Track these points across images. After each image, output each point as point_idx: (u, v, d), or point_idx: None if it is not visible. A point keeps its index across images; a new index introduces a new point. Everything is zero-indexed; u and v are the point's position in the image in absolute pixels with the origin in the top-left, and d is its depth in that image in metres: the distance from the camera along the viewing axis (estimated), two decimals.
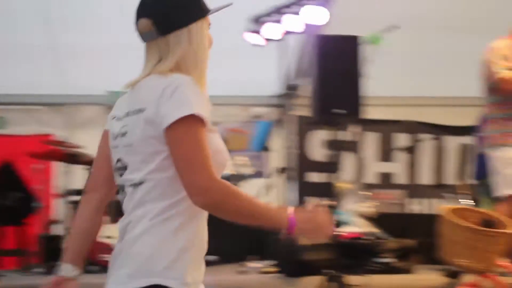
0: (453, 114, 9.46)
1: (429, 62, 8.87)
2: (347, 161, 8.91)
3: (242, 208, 2.25)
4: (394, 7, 7.97)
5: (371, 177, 9.50)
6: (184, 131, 2.22)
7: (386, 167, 9.62)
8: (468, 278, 4.94)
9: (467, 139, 8.84)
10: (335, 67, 6.17)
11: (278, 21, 7.58)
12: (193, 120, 2.22)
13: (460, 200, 5.88)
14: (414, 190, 9.59)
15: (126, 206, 2.36)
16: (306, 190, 8.65)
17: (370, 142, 9.52)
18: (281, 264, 6.31)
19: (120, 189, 2.41)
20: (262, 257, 6.83)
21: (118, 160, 2.39)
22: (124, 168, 2.37)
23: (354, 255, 6.15)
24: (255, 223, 2.29)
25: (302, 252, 6.07)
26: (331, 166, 6.70)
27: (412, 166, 9.49)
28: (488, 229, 4.42)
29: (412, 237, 7.08)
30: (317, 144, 8.95)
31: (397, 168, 9.37)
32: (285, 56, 7.54)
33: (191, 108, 2.22)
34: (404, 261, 6.20)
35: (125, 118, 2.38)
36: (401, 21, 7.23)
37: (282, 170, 7.48)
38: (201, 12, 2.42)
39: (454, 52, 8.38)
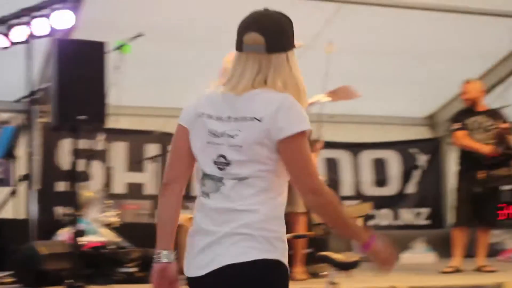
0: None
1: (179, 73, 9.00)
2: (95, 170, 8.75)
3: (339, 213, 2.72)
4: (144, 15, 8.00)
5: (119, 187, 9.44)
6: (300, 143, 2.65)
7: (135, 177, 9.58)
8: None
9: None
10: (79, 72, 5.98)
11: (25, 24, 7.30)
12: (305, 135, 2.66)
13: None
14: None
15: (222, 195, 2.71)
16: (50, 199, 8.41)
17: (119, 151, 9.45)
18: (19, 274, 6.05)
19: (213, 180, 2.73)
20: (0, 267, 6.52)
21: (221, 156, 2.71)
22: (227, 164, 2.71)
23: (96, 264, 6.03)
24: (342, 229, 2.76)
25: (42, 262, 5.86)
26: (77, 175, 6.54)
27: (160, 177, 9.53)
28: None
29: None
30: (64, 152, 8.73)
31: (146, 178, 9.36)
32: (31, 60, 7.27)
33: (305, 125, 2.66)
34: (148, 270, 6.17)
35: (232, 122, 2.71)
36: (150, 30, 7.27)
37: (25, 177, 7.20)
38: (294, 42, 2.82)
39: (203, 63, 8.55)
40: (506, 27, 9.40)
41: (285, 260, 2.69)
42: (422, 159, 11.05)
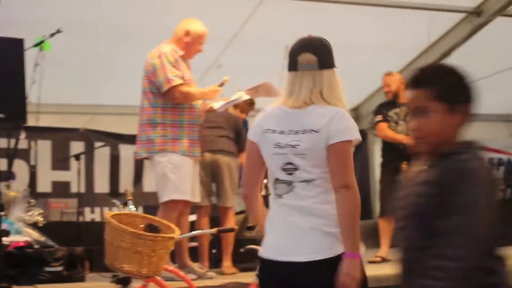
0: (128, 122, 9.57)
1: (101, 70, 8.91)
2: (18, 169, 8.58)
3: (355, 212, 3.25)
4: (63, 11, 7.89)
5: (45, 186, 9.28)
6: (344, 149, 3.23)
7: (60, 175, 9.44)
8: (137, 283, 4.98)
9: None
10: None
11: None
12: (350, 142, 3.26)
13: (129, 206, 5.90)
14: (89, 198, 9.53)
15: (294, 195, 3.28)
16: None
17: (43, 149, 9.28)
18: None
19: (283, 183, 3.30)
20: None
21: (288, 163, 3.28)
22: (295, 169, 3.27)
23: (21, 265, 5.92)
24: (347, 227, 3.21)
25: None
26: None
27: (86, 174, 9.42)
28: (148, 233, 4.47)
29: (85, 245, 7.01)
30: None
31: (72, 177, 9.22)
32: None
33: (351, 135, 3.26)
34: (74, 269, 6.09)
35: (293, 134, 3.28)
36: (70, 26, 7.16)
37: None
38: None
39: (126, 60, 8.48)
40: (426, 21, 9.59)
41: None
42: None
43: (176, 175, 5.92)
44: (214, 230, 5.14)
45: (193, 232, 5.48)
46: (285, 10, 8.73)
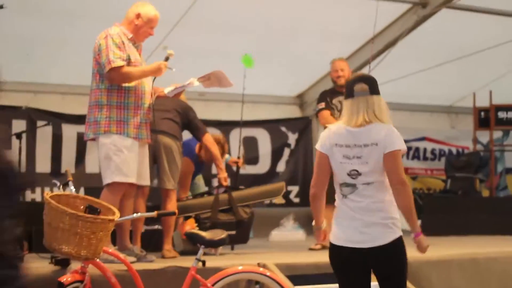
0: (71, 102, 9.47)
1: (45, 48, 8.78)
2: None
3: (412, 203, 4.28)
4: None
5: None
6: (397, 155, 4.25)
7: None
8: (76, 265, 4.95)
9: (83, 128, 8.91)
10: None
11: None
12: (400, 151, 4.27)
13: (69, 187, 5.84)
14: (30, 178, 9.41)
15: (357, 194, 4.28)
16: None
17: None
18: None
19: (348, 186, 4.29)
20: None
21: (353, 170, 4.27)
22: (359, 174, 4.26)
23: None
24: (409, 215, 4.28)
25: None
26: None
27: (28, 154, 9.29)
28: (88, 215, 4.45)
29: (24, 225, 6.92)
30: None
31: (13, 155, 9.06)
32: None
33: (401, 146, 4.28)
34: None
35: (357, 148, 4.27)
36: (17, 2, 7.03)
37: None
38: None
39: (71, 39, 8.38)
40: (372, 10, 9.65)
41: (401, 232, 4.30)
42: (292, 138, 11.24)
43: (120, 158, 5.88)
44: (154, 213, 5.12)
45: (133, 215, 5.45)
46: None
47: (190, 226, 6.80)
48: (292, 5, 9.09)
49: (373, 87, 4.35)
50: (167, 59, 6.19)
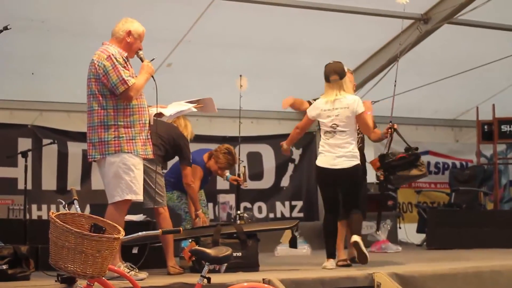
0: (76, 119, 9.54)
1: (50, 67, 8.85)
2: None
3: (370, 128, 7.50)
4: (11, 7, 7.84)
5: None
6: (363, 115, 7.06)
7: (7, 172, 9.36)
8: (81, 283, 4.98)
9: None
10: None
11: None
12: (365, 112, 7.08)
13: (74, 206, 5.87)
14: (36, 195, 9.48)
15: (336, 140, 7.06)
16: None
17: None
18: None
19: (330, 133, 7.07)
20: None
21: (334, 124, 7.04)
22: (337, 126, 7.01)
23: None
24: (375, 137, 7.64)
25: None
26: None
27: (34, 171, 9.36)
28: (93, 234, 4.48)
29: (32, 242, 6.97)
30: None
31: (19, 173, 9.15)
32: None
33: (362, 108, 7.05)
34: (19, 267, 6.05)
35: (335, 110, 7.03)
36: (20, 22, 7.09)
37: None
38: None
39: (75, 57, 8.44)
40: (374, 26, 9.72)
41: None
42: (296, 153, 11.29)
43: (130, 176, 5.92)
44: (159, 231, 5.14)
45: (139, 233, 5.47)
46: (235, 12, 8.78)
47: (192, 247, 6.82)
48: (294, 23, 9.16)
49: (341, 75, 7.11)
50: (141, 59, 6.22)
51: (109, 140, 5.91)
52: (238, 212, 8.41)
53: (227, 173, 8.49)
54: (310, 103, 7.71)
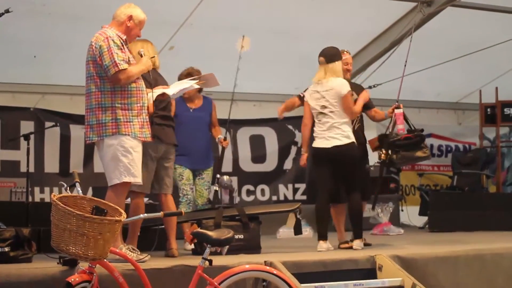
0: (78, 102, 9.53)
1: (53, 50, 8.84)
2: None
3: (355, 110, 7.56)
4: None
5: None
6: (348, 96, 7.23)
7: (9, 154, 9.39)
8: (83, 265, 5.00)
9: None
10: None
11: None
12: (350, 93, 7.29)
13: (76, 189, 5.89)
14: (38, 178, 9.51)
15: (327, 121, 7.23)
16: None
17: None
18: None
19: (321, 114, 7.26)
20: None
21: (323, 105, 7.23)
22: (326, 107, 7.22)
23: None
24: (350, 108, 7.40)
25: None
26: None
27: (36, 154, 9.38)
28: (95, 216, 4.50)
29: (34, 225, 6.99)
30: None
31: (21, 156, 9.16)
32: None
33: (348, 89, 7.24)
34: (21, 249, 6.07)
35: (324, 92, 7.24)
36: (22, 5, 7.07)
37: None
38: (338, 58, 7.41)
39: (78, 41, 8.44)
40: (376, 9, 9.69)
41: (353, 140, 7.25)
42: (299, 136, 11.27)
43: (128, 158, 5.92)
44: (161, 214, 5.15)
45: (140, 215, 5.48)
46: None
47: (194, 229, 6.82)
48: (296, 6, 9.14)
49: (328, 59, 7.28)
50: (141, 55, 6.23)
51: (107, 122, 5.91)
52: (217, 176, 8.32)
53: (219, 135, 8.29)
54: (299, 97, 7.77)
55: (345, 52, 7.82)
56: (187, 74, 7.73)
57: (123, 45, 6.01)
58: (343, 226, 7.65)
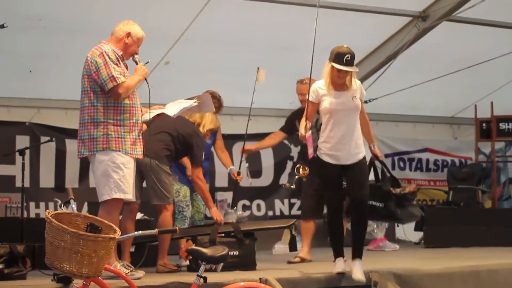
0: (74, 117, 9.51)
1: (48, 64, 8.83)
2: None
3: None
4: (8, 5, 7.82)
5: None
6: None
7: (5, 169, 9.36)
8: (77, 282, 4.98)
9: None
10: None
11: None
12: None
13: (71, 205, 5.87)
14: (34, 193, 9.47)
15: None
16: None
17: None
18: None
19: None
20: None
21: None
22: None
23: None
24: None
25: None
26: None
27: (31, 169, 9.35)
28: (89, 233, 4.48)
29: (29, 241, 6.96)
30: None
31: (17, 171, 9.13)
32: None
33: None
34: (15, 266, 6.05)
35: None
36: (17, 20, 7.04)
37: None
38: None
39: (73, 55, 8.44)
40: (372, 23, 9.71)
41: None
42: (295, 151, 11.27)
43: (119, 174, 5.92)
44: (155, 231, 5.14)
45: (135, 233, 5.47)
46: (233, 9, 8.77)
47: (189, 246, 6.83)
48: (292, 20, 9.15)
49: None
50: (136, 63, 6.24)
51: (98, 137, 5.93)
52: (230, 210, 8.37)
53: (231, 166, 8.43)
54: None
55: (304, 81, 7.80)
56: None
57: (118, 61, 6.03)
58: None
